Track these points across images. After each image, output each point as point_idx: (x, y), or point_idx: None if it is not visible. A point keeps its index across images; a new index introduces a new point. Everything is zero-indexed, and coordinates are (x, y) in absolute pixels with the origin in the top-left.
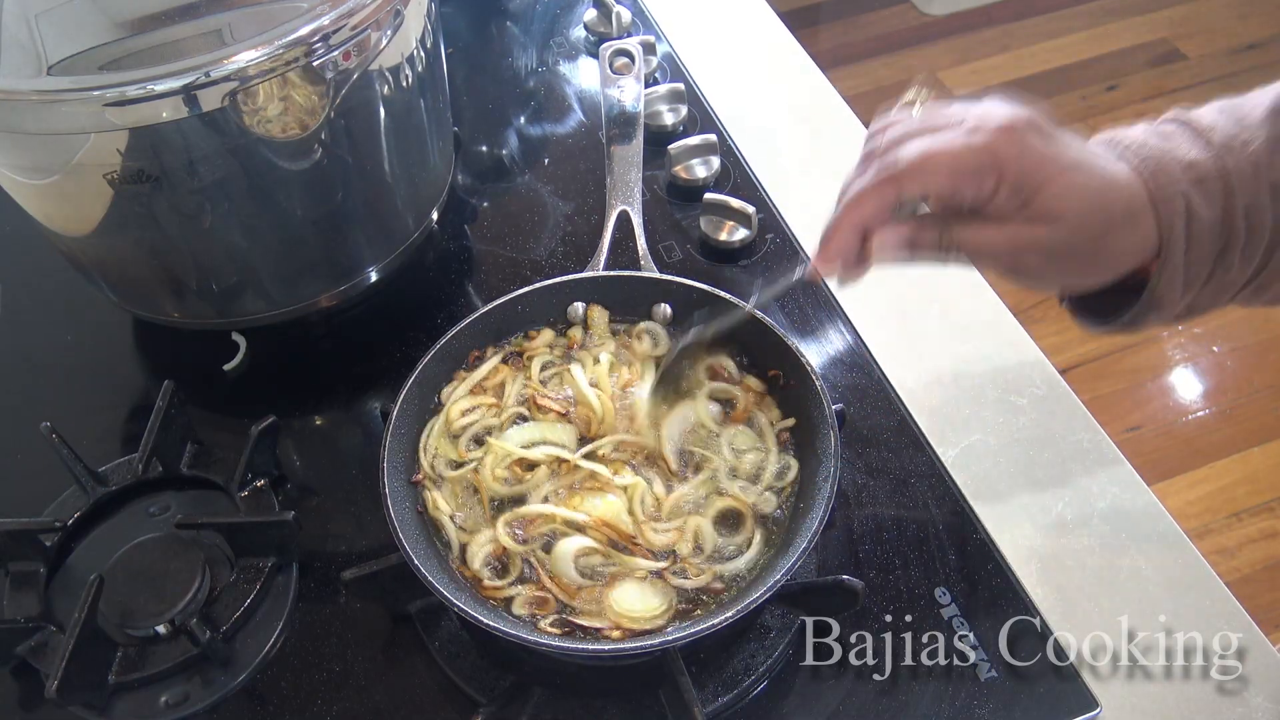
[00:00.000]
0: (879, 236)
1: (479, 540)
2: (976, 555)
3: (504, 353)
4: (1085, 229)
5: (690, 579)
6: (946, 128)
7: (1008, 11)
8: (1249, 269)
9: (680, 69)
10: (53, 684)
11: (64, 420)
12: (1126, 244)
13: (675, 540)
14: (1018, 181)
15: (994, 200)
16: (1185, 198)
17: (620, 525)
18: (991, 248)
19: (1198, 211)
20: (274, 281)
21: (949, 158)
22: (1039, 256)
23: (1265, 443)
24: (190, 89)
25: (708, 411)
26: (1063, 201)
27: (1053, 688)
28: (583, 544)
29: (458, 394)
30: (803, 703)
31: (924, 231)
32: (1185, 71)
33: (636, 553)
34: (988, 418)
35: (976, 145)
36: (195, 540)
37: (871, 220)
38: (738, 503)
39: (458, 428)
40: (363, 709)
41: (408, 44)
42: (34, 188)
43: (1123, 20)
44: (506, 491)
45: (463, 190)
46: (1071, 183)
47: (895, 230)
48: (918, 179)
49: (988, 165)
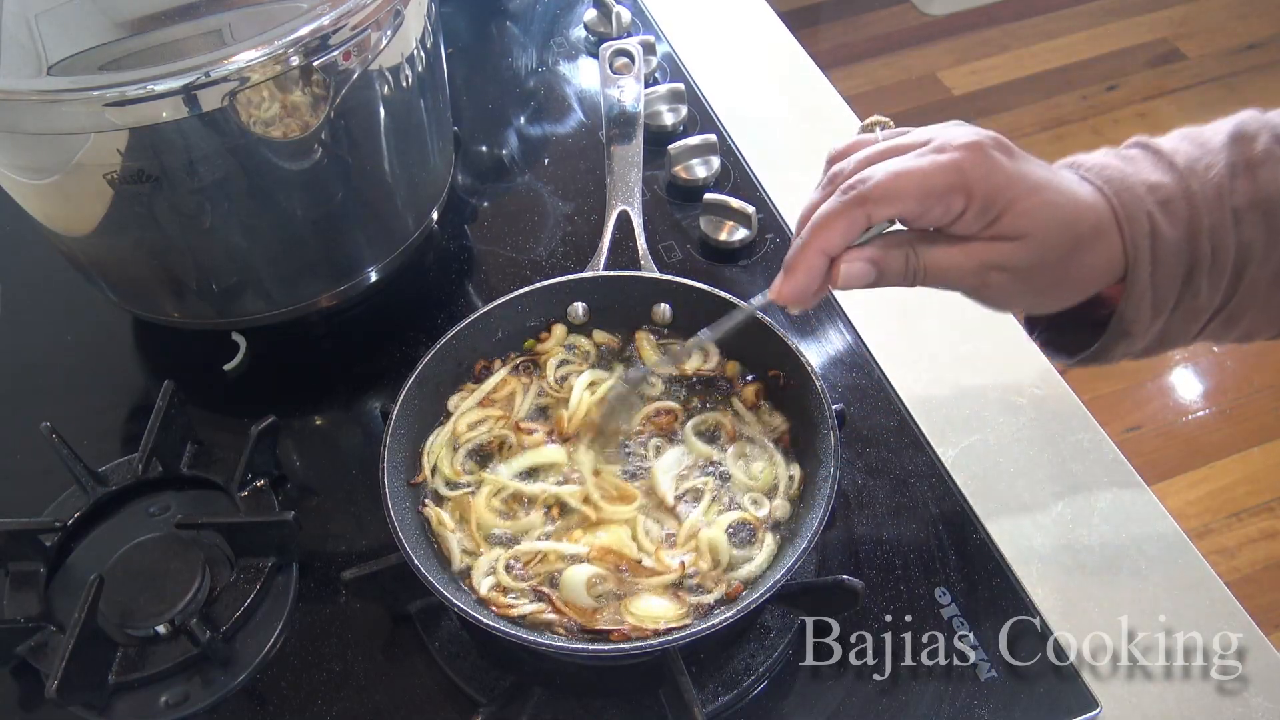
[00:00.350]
0: (846, 263)
1: (481, 567)
2: (976, 555)
3: (513, 364)
4: (1053, 247)
5: (709, 593)
6: (911, 149)
7: (1008, 11)
8: (1216, 296)
9: (680, 69)
10: (53, 684)
11: (64, 420)
12: (1093, 263)
13: (693, 562)
14: (985, 201)
15: (961, 220)
16: (1150, 217)
17: (625, 551)
18: (958, 268)
19: (1162, 231)
20: (274, 281)
21: (918, 177)
22: (1006, 276)
23: (1265, 443)
24: (190, 89)
25: (701, 445)
26: (1030, 220)
27: (1053, 688)
28: (592, 572)
29: (466, 405)
30: (803, 703)
31: (890, 254)
32: (1185, 71)
33: (645, 573)
34: (988, 418)
35: (944, 164)
36: (195, 540)
37: (837, 246)
38: (749, 518)
39: (465, 440)
40: (363, 709)
41: (408, 44)
42: (34, 188)
43: (1123, 20)
44: (500, 525)
45: (463, 190)
46: (1039, 201)
47: (861, 254)
48: (887, 202)
49: (956, 185)
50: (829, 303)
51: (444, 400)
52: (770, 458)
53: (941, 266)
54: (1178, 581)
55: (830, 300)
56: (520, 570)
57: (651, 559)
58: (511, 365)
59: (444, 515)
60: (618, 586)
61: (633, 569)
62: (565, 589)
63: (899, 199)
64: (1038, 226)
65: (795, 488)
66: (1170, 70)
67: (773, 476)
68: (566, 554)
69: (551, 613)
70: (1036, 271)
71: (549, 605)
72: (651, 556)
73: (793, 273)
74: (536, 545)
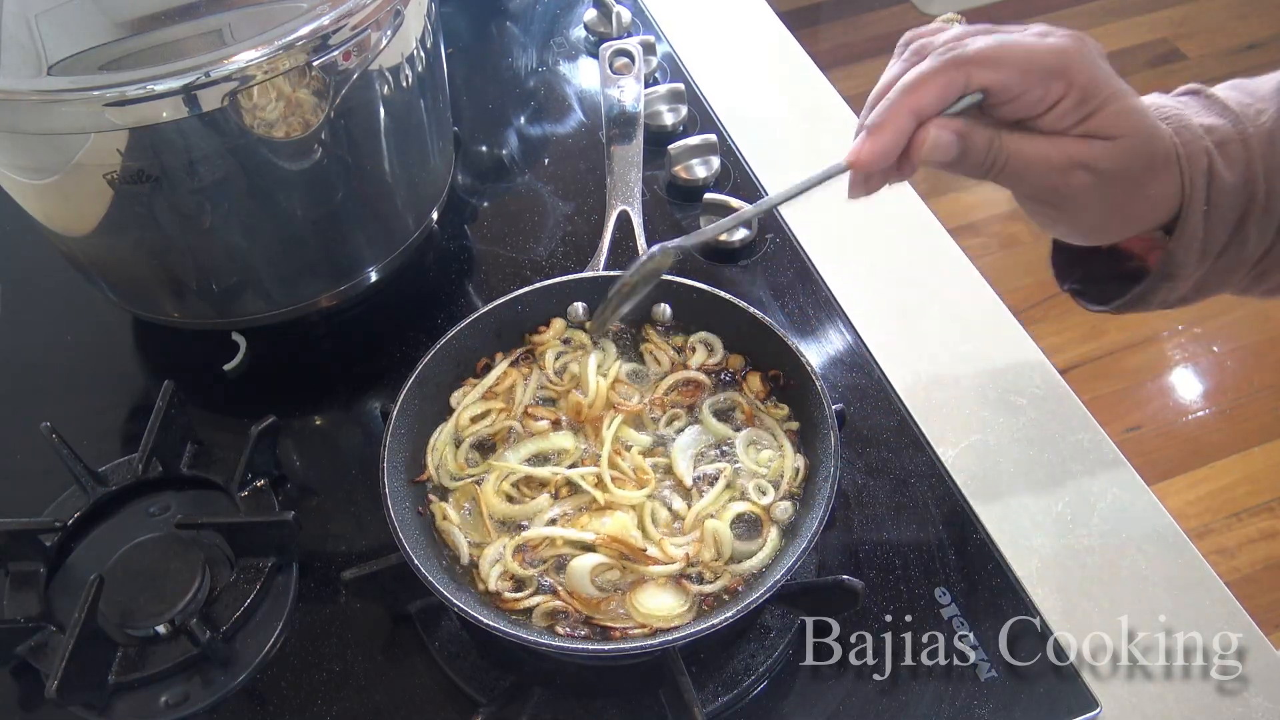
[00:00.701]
0: (935, 126)
1: (488, 557)
2: (976, 555)
3: (513, 356)
4: (1138, 157)
5: (709, 584)
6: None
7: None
8: (1263, 244)
9: (680, 69)
10: (53, 684)
11: (64, 420)
12: (1159, 191)
13: (695, 551)
14: (1084, 92)
15: (1052, 111)
16: (1209, 155)
17: (629, 540)
18: (1045, 160)
19: (1220, 173)
20: (274, 281)
21: (1024, 50)
22: (1089, 179)
23: (1265, 443)
24: (190, 89)
25: (716, 425)
26: (1126, 122)
27: (1053, 688)
28: (597, 561)
29: (468, 400)
30: (803, 703)
31: (977, 131)
32: (1185, 71)
33: (649, 562)
34: (988, 418)
35: (1050, 44)
36: (195, 540)
37: (930, 109)
38: (755, 508)
39: (468, 433)
40: (363, 709)
41: (408, 44)
42: (34, 188)
43: (1123, 20)
44: (509, 511)
45: (463, 190)
46: (1134, 105)
47: (950, 124)
48: (991, 65)
49: (1058, 68)
50: (829, 303)
51: (445, 399)
52: (780, 447)
53: (1027, 155)
54: (1178, 581)
55: (830, 300)
56: (531, 555)
57: (655, 549)
58: (511, 358)
59: (448, 509)
60: (622, 575)
61: (636, 557)
62: (570, 578)
63: (1003, 65)
64: (1131, 129)
65: (799, 481)
66: (1170, 70)
67: (780, 467)
68: (574, 539)
69: (558, 601)
70: (1118, 181)
71: (554, 595)
72: (656, 546)
73: (878, 132)
74: (545, 531)
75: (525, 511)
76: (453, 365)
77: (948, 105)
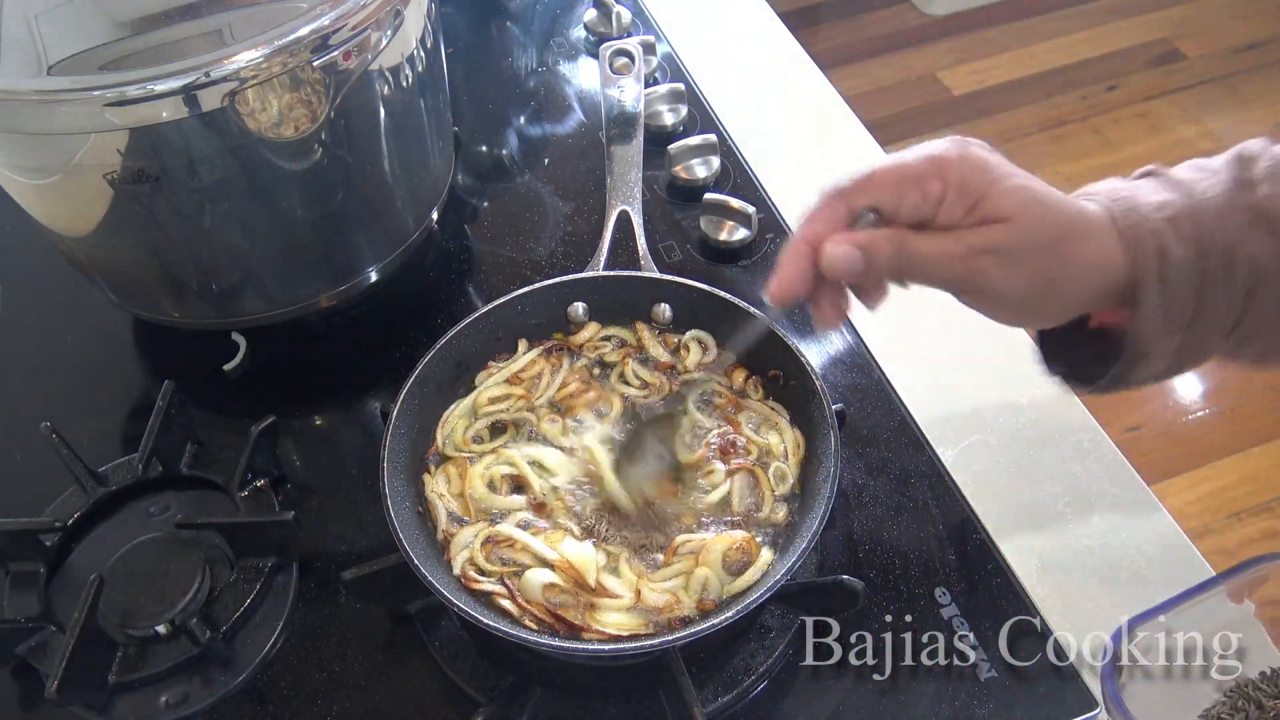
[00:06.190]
0: (830, 243)
1: (459, 542)
2: (976, 555)
3: (544, 345)
4: (1038, 230)
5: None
6: None
7: (1008, 11)
8: (1234, 312)
9: (680, 69)
10: (53, 684)
11: (64, 420)
12: (1083, 258)
13: (672, 602)
14: (962, 183)
15: (941, 209)
16: (1157, 235)
17: (584, 575)
18: (946, 254)
19: (1170, 249)
20: (274, 282)
21: (894, 164)
22: (995, 261)
23: (1265, 443)
24: (190, 89)
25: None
26: (1013, 199)
27: (1053, 688)
28: (548, 579)
29: (491, 380)
30: (803, 703)
31: (877, 240)
32: (1185, 71)
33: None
34: (988, 418)
35: (920, 152)
36: (195, 540)
37: (821, 237)
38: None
39: (484, 413)
40: (363, 709)
41: (408, 44)
42: (34, 188)
43: (1123, 20)
44: (484, 496)
45: (463, 190)
46: (1019, 184)
47: (848, 238)
48: (863, 190)
49: (931, 170)
50: None
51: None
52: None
53: (927, 254)
54: (1178, 581)
55: None
56: (497, 552)
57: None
58: (543, 347)
59: (439, 481)
60: (573, 600)
61: (587, 590)
62: (524, 586)
63: (874, 183)
64: (1020, 206)
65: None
66: (1170, 70)
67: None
68: (537, 551)
69: (509, 603)
70: (1029, 256)
71: (509, 598)
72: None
73: (781, 266)
74: (512, 531)
75: (498, 504)
76: (453, 365)
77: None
